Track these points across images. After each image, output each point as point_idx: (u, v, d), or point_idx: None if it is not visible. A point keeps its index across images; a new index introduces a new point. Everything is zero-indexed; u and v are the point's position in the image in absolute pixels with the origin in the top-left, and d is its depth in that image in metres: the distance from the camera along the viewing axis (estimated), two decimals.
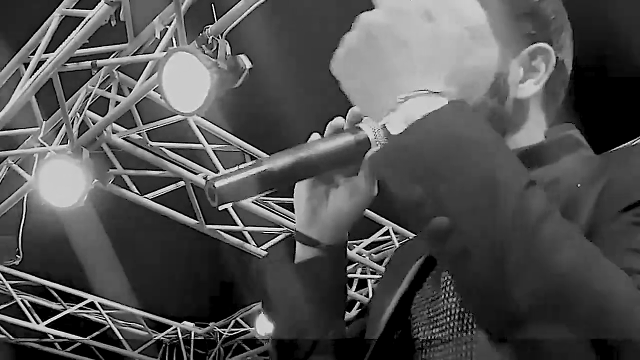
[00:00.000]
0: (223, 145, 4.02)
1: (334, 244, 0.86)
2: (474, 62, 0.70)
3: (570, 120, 0.82)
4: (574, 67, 0.84)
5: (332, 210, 0.85)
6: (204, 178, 3.92)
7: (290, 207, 4.45)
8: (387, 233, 4.57)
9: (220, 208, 0.72)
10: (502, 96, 0.76)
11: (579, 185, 0.69)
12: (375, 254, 4.77)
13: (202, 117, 3.73)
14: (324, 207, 0.85)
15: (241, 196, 0.73)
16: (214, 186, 0.71)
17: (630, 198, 0.63)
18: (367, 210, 0.95)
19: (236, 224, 4.31)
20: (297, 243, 0.87)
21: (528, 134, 0.79)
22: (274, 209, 4.32)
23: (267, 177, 0.72)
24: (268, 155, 0.75)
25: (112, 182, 3.63)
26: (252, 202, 4.12)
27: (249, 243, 4.38)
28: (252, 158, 4.14)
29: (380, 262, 4.75)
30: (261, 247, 4.43)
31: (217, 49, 2.92)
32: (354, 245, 4.59)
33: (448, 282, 0.76)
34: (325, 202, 0.86)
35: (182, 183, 3.93)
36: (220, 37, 2.94)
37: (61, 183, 3.35)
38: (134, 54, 3.32)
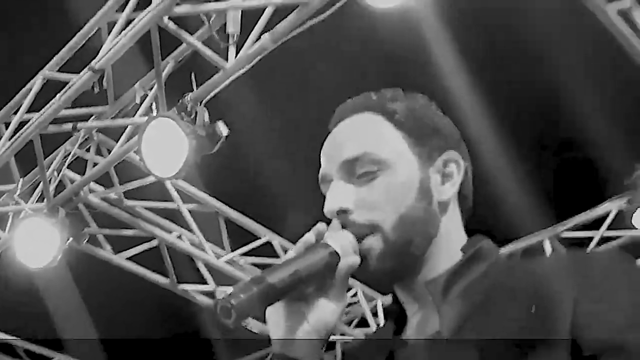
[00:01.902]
0: (197, 205, 4.10)
1: None
2: (401, 178, 0.90)
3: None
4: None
5: (315, 325, 0.87)
6: (216, 301, 3.99)
7: (261, 266, 4.51)
8: (355, 295, 4.66)
9: (236, 326, 0.77)
10: (429, 199, 0.92)
11: (533, 309, 0.80)
12: (345, 314, 4.85)
13: None
14: (304, 322, 0.87)
15: (253, 311, 0.79)
16: (231, 304, 0.76)
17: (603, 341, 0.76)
18: None
19: (207, 284, 4.35)
20: None
21: (451, 233, 0.93)
22: (245, 268, 4.39)
23: (272, 292, 0.80)
24: (242, 214, 0.86)
25: (86, 241, 3.67)
26: (225, 262, 4.20)
27: None
28: (226, 218, 4.23)
29: (348, 324, 4.81)
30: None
31: (196, 115, 3.05)
32: None
33: None
34: (303, 317, 0.87)
35: (155, 242, 3.99)
36: (199, 104, 3.08)
37: (36, 242, 3.39)
38: (114, 117, 3.43)
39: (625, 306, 0.78)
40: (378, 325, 4.53)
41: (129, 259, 3.99)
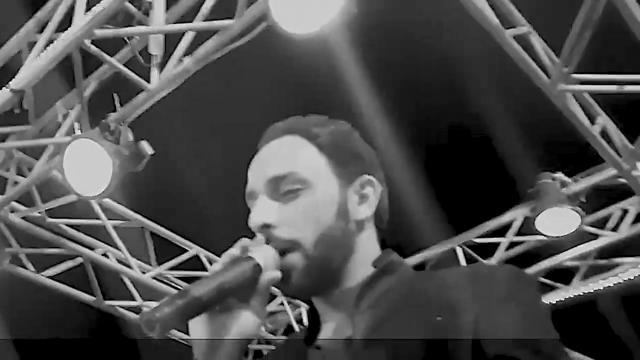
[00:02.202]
0: (122, 222, 4.09)
1: None
2: (322, 198, 0.97)
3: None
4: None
5: (236, 336, 0.90)
6: (141, 315, 3.98)
7: (189, 280, 4.54)
8: (281, 304, 4.75)
9: (160, 337, 0.80)
10: (347, 218, 0.98)
11: (439, 318, 0.87)
12: (270, 324, 4.93)
13: None
14: (225, 333, 0.90)
15: (177, 324, 0.81)
16: (155, 317, 0.78)
17: (502, 349, 0.84)
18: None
19: (134, 299, 4.35)
20: None
21: (367, 250, 1.00)
22: (172, 282, 4.41)
23: (197, 304, 0.83)
24: (168, 231, 0.93)
25: (8, 261, 3.62)
26: (151, 277, 4.21)
27: None
28: (152, 234, 4.24)
29: (274, 333, 4.91)
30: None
31: (119, 135, 3.08)
32: None
33: None
34: (225, 328, 0.90)
35: (80, 260, 3.96)
36: (122, 124, 3.11)
37: None
38: (35, 136, 3.41)
39: (518, 323, 0.86)
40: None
41: (53, 277, 3.94)
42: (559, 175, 3.86)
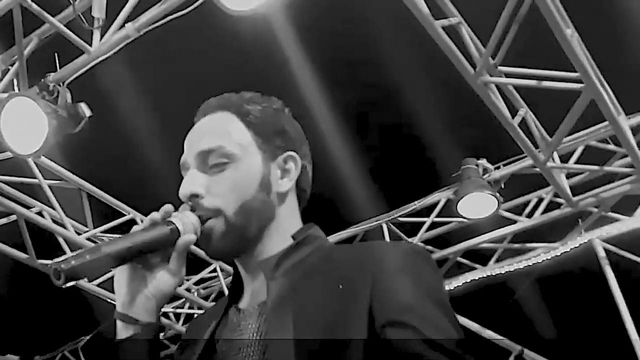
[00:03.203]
0: (59, 181, 4.11)
1: (152, 322, 0.99)
2: (246, 171, 1.05)
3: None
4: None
5: (152, 291, 0.99)
6: (50, 264, 4.00)
7: None
8: (214, 270, 4.87)
9: (65, 286, 0.86)
10: (268, 190, 1.06)
11: (340, 286, 0.94)
12: (203, 289, 5.05)
13: None
14: (144, 288, 0.99)
15: (82, 276, 0.88)
16: (60, 268, 0.84)
17: (392, 315, 0.90)
18: (197, 249, 1.18)
19: None
20: (118, 322, 1.00)
21: (286, 220, 1.08)
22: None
23: (105, 260, 0.89)
24: (105, 193, 1.01)
25: None
26: (86, 238, 4.26)
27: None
28: (89, 195, 4.27)
29: (206, 298, 5.03)
30: (92, 282, 4.53)
31: (57, 96, 3.11)
32: (185, 281, 4.84)
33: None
34: (144, 283, 1.00)
35: (14, 217, 3.98)
36: (61, 85, 3.14)
37: None
38: None
39: (408, 292, 0.93)
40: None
41: None
42: (482, 161, 4.07)
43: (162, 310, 1.15)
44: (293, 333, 0.92)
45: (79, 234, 4.22)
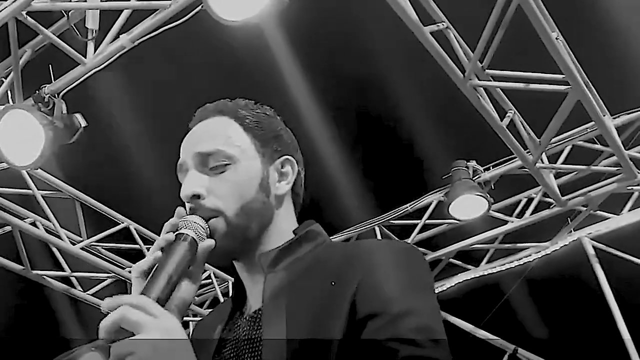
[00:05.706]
0: (53, 192, 4.12)
1: None
2: (246, 173, 1.07)
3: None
4: None
5: (177, 302, 0.99)
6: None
7: (117, 252, 4.62)
8: (209, 277, 4.89)
9: None
10: (267, 192, 1.08)
11: (333, 283, 0.96)
12: (197, 296, 5.07)
13: None
14: (171, 305, 0.98)
15: None
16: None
17: (373, 308, 0.92)
18: None
19: (63, 270, 4.39)
20: None
21: (283, 222, 1.10)
22: (101, 254, 4.47)
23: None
24: (101, 204, 1.03)
25: None
26: (80, 248, 4.26)
27: (76, 288, 4.47)
28: (83, 205, 4.28)
29: (201, 305, 5.05)
30: (87, 292, 4.54)
31: (53, 107, 3.13)
32: None
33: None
34: (170, 301, 0.99)
35: (8, 228, 3.98)
36: (56, 96, 3.17)
37: None
38: None
39: (392, 287, 0.95)
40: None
41: None
42: (472, 163, 4.14)
43: None
44: (286, 329, 0.95)
45: (73, 243, 4.23)
